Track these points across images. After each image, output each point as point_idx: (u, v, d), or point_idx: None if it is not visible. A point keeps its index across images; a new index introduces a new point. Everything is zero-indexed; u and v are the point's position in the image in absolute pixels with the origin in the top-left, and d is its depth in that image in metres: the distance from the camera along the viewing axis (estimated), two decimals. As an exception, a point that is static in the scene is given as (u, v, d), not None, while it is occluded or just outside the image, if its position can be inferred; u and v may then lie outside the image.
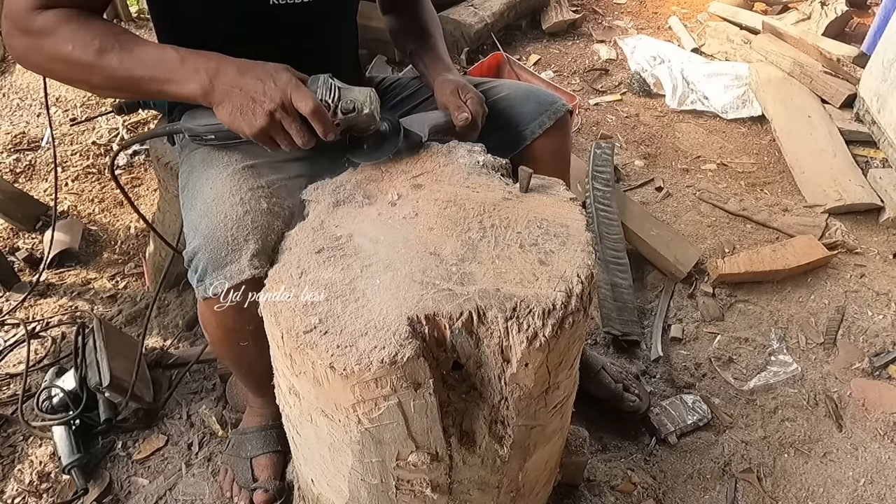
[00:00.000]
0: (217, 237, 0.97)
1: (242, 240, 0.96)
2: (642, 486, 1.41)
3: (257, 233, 0.97)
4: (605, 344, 1.74)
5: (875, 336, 1.76)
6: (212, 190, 1.04)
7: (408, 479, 0.91)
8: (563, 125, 1.28)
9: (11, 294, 1.86)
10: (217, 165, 1.09)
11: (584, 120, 2.66)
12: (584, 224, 0.91)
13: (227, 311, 1.01)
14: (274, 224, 0.99)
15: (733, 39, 3.07)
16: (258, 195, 1.01)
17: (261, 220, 0.98)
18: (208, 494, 1.40)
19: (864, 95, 2.48)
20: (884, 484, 1.45)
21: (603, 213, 1.98)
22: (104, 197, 2.22)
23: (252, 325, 1.01)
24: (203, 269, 0.97)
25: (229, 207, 0.99)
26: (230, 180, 1.04)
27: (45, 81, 1.58)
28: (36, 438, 1.49)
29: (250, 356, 1.12)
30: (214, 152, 1.12)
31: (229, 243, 0.96)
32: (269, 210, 1.00)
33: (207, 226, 0.99)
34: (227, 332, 1.07)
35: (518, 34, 3.26)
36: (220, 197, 1.01)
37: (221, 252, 0.96)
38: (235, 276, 0.95)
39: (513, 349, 0.79)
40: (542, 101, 1.27)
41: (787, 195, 2.26)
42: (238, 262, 0.95)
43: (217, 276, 0.96)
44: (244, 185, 1.03)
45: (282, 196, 1.04)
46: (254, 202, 1.00)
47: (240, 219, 0.97)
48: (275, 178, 1.07)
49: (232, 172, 1.05)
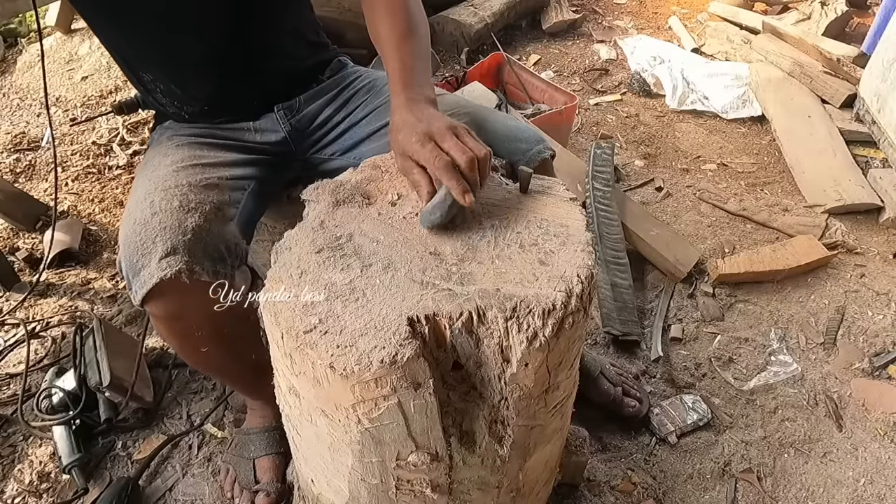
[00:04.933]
0: (130, 244, 0.96)
1: (150, 242, 0.95)
2: (642, 486, 1.41)
3: (165, 233, 0.95)
4: (605, 344, 1.74)
5: (875, 336, 1.76)
6: (133, 197, 1.04)
7: (408, 479, 0.91)
8: (545, 171, 1.12)
9: (11, 294, 1.86)
10: (146, 172, 1.08)
11: (584, 120, 2.66)
12: (584, 224, 0.91)
13: (168, 319, 0.99)
14: (187, 220, 0.97)
15: (733, 39, 3.07)
16: (171, 195, 1.00)
17: (169, 219, 0.96)
18: (208, 494, 1.40)
19: (864, 95, 2.48)
20: (884, 484, 1.45)
21: (603, 213, 1.98)
22: (104, 197, 2.22)
23: (203, 331, 1.00)
24: (126, 277, 0.97)
25: (139, 212, 0.98)
26: (148, 184, 1.03)
27: (44, 81, 1.58)
28: (36, 438, 1.49)
29: (217, 361, 1.10)
30: (152, 159, 1.11)
31: (139, 248, 0.95)
32: (181, 206, 0.98)
33: (123, 234, 0.98)
34: (181, 339, 1.05)
35: (518, 34, 3.26)
36: (135, 203, 1.01)
37: (134, 258, 0.95)
38: (147, 282, 0.93)
39: (513, 349, 0.79)
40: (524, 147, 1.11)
41: (787, 195, 2.26)
42: (148, 266, 0.94)
43: (136, 282, 0.95)
44: (159, 186, 1.01)
45: (203, 192, 1.02)
46: (164, 203, 0.98)
47: (146, 222, 0.96)
48: (203, 177, 1.05)
49: (153, 177, 1.05)
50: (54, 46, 2.96)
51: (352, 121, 1.26)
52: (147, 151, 1.22)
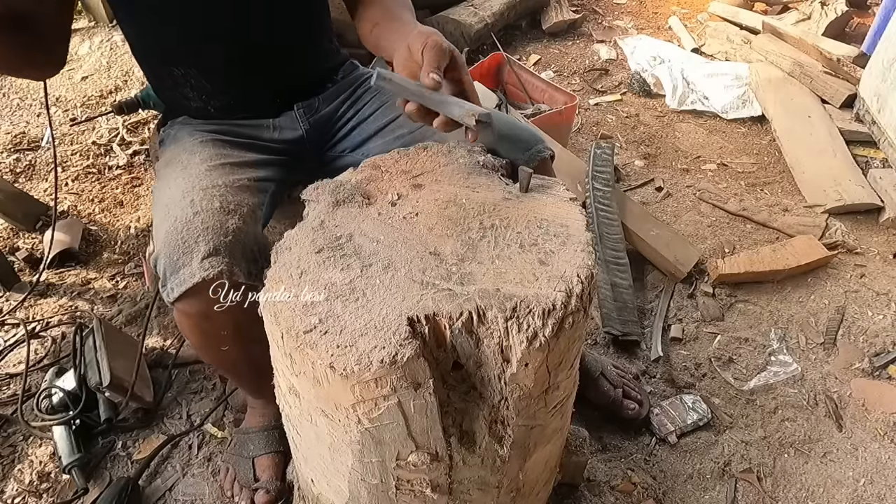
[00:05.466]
0: (170, 241, 0.96)
1: (193, 242, 0.95)
2: (642, 486, 1.41)
3: (208, 234, 0.96)
4: (605, 344, 1.74)
5: (875, 336, 1.76)
6: (168, 194, 1.04)
7: (408, 479, 0.91)
8: (543, 171, 1.13)
9: (11, 294, 1.86)
10: (176, 168, 1.09)
11: (584, 120, 2.66)
12: (584, 224, 0.91)
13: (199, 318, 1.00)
14: (228, 222, 0.98)
15: (733, 39, 3.07)
16: (211, 195, 1.00)
17: (211, 220, 0.97)
18: (208, 494, 1.40)
19: (864, 95, 2.48)
20: (884, 484, 1.45)
21: (603, 213, 1.98)
22: (104, 197, 2.22)
23: (227, 330, 1.01)
24: (163, 274, 0.97)
25: (180, 210, 0.98)
26: (184, 182, 1.04)
27: (45, 81, 1.58)
28: (36, 438, 1.49)
29: (233, 360, 1.11)
30: (178, 155, 1.12)
31: (180, 247, 0.95)
32: (222, 208, 0.99)
33: (162, 231, 0.99)
34: (205, 337, 1.06)
35: (518, 34, 3.26)
36: (173, 200, 1.01)
37: (174, 256, 0.96)
38: (187, 280, 0.94)
39: (513, 349, 0.79)
40: (522, 146, 1.14)
41: (787, 195, 2.26)
42: (189, 265, 0.94)
43: (174, 281, 0.96)
44: (197, 185, 1.02)
45: (240, 193, 1.03)
46: (205, 202, 0.99)
47: (189, 221, 0.97)
48: (236, 178, 1.06)
49: (188, 175, 1.05)
50: (54, 46, 2.96)
51: (360, 117, 1.31)
52: (166, 146, 1.23)
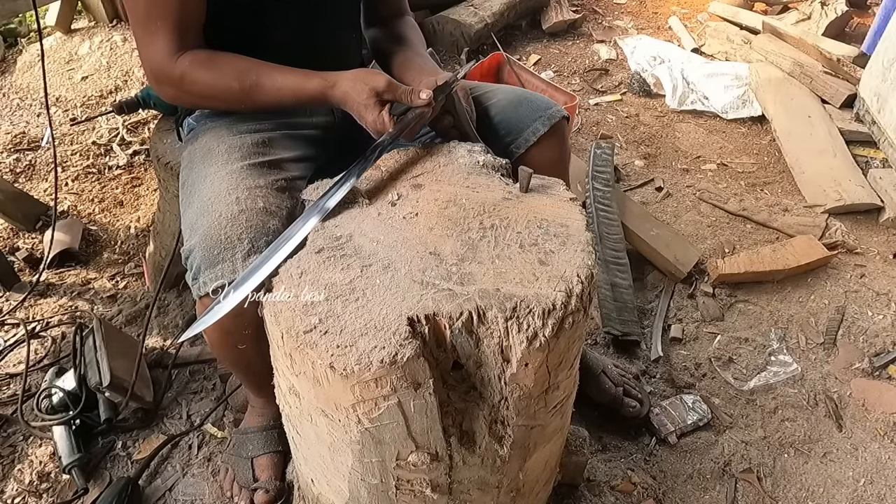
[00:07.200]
0: (212, 236, 0.96)
1: (236, 238, 0.96)
2: (642, 486, 1.41)
3: (251, 232, 0.96)
4: (605, 344, 1.74)
5: (875, 336, 1.76)
6: (210, 188, 1.04)
7: (408, 479, 0.91)
8: (558, 131, 1.20)
9: (11, 294, 1.86)
10: (216, 163, 1.09)
11: (584, 120, 2.66)
12: (584, 224, 0.91)
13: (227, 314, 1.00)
14: (269, 223, 0.99)
15: (733, 39, 3.07)
16: (255, 194, 1.01)
17: (255, 219, 0.98)
18: (208, 494, 1.40)
19: (864, 95, 2.48)
20: (884, 484, 1.45)
21: (603, 213, 1.98)
22: (104, 197, 2.22)
23: (249, 329, 1.01)
24: (197, 267, 0.97)
25: (225, 206, 0.99)
26: (228, 179, 1.04)
27: (44, 81, 1.58)
28: (36, 438, 1.49)
29: (248, 358, 1.12)
30: (215, 148, 1.12)
31: (223, 242, 0.96)
32: (265, 209, 1.00)
33: (203, 224, 0.99)
34: (225, 334, 1.07)
35: (518, 34, 3.26)
36: (217, 195, 1.01)
37: (215, 250, 0.96)
38: (228, 275, 0.94)
39: (513, 349, 0.79)
40: (535, 106, 1.20)
41: (787, 195, 2.26)
42: (231, 260, 0.95)
43: (209, 275, 0.96)
44: (242, 184, 1.03)
45: (280, 196, 1.04)
46: (250, 201, 1.00)
47: (234, 217, 0.97)
48: (274, 178, 1.07)
49: (230, 171, 1.05)
50: (54, 46, 2.96)
51: None
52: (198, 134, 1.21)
